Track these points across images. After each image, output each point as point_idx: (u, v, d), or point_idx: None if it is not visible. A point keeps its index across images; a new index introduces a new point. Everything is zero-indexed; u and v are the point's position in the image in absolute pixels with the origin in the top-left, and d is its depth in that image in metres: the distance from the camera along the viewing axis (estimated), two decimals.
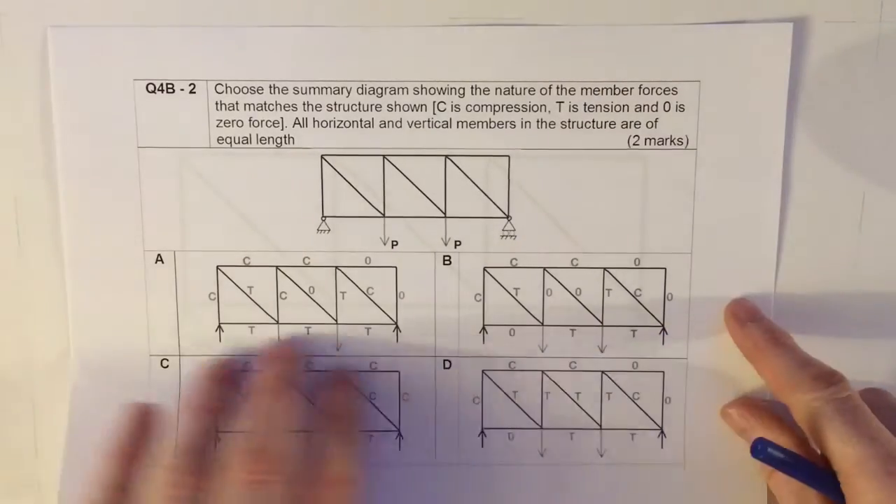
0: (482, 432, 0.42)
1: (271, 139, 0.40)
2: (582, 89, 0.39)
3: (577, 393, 0.42)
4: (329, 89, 0.39)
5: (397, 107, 0.39)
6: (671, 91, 0.39)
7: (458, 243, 0.41)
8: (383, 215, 0.40)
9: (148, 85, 0.39)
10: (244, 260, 0.41)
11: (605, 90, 0.39)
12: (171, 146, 0.40)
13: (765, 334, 0.39)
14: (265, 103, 0.39)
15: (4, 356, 0.41)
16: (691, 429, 0.41)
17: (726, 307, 0.40)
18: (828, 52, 0.39)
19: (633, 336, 0.41)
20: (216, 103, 0.39)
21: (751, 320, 0.39)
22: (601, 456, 0.42)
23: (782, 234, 0.40)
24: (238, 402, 0.40)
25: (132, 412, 0.38)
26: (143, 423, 0.38)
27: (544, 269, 0.41)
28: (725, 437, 0.41)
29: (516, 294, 0.41)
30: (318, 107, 0.39)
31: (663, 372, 0.41)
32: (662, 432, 0.42)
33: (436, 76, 0.39)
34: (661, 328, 0.41)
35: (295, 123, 0.40)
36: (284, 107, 0.39)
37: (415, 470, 0.42)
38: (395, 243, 0.41)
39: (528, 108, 0.39)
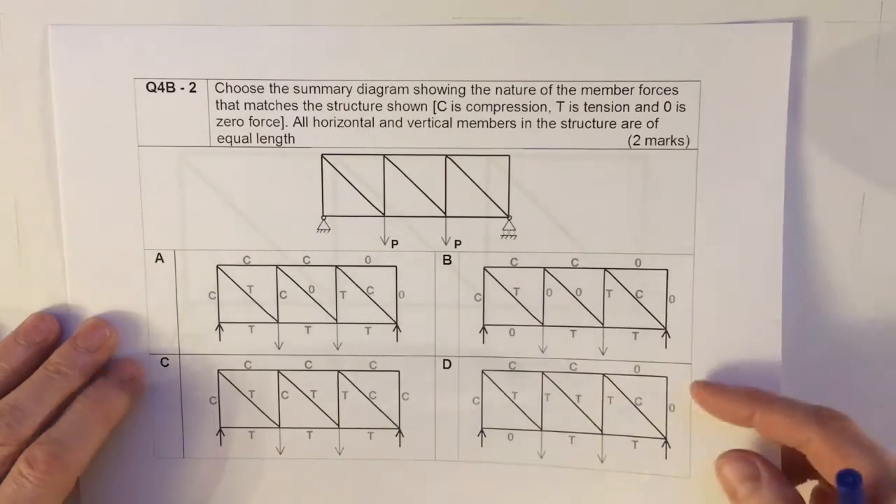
0: (482, 432, 0.42)
1: (271, 138, 0.40)
2: (582, 89, 0.39)
3: (578, 395, 0.42)
4: (329, 89, 0.39)
5: (398, 106, 0.40)
6: (672, 91, 0.39)
7: (458, 243, 0.41)
8: (383, 215, 0.40)
9: (148, 84, 0.39)
10: (244, 259, 0.41)
11: (605, 90, 0.39)
12: (172, 145, 0.40)
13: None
14: (265, 102, 0.39)
15: None
16: (697, 440, 0.41)
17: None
18: (828, 52, 0.39)
19: (635, 339, 0.41)
20: (216, 102, 0.39)
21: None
22: (602, 462, 0.42)
23: (783, 234, 0.40)
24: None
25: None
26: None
27: (544, 268, 0.41)
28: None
29: (516, 294, 0.41)
30: (318, 106, 0.39)
31: (666, 377, 0.41)
32: (667, 442, 0.41)
33: (436, 76, 0.39)
34: (663, 331, 0.41)
35: (295, 122, 0.40)
36: (285, 106, 0.39)
37: (414, 468, 0.42)
38: (395, 243, 0.41)
39: (528, 107, 0.39)
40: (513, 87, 0.39)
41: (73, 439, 0.37)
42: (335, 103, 0.39)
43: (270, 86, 0.39)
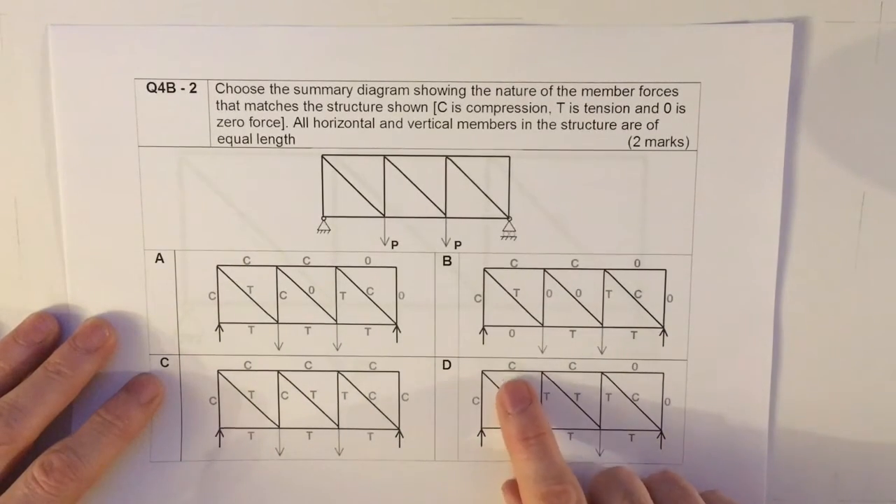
0: (482, 432, 0.42)
1: (272, 139, 0.40)
2: (583, 90, 0.39)
3: (577, 394, 0.42)
4: (330, 89, 0.39)
5: (398, 107, 0.40)
6: (672, 92, 0.39)
7: (458, 243, 0.41)
8: (383, 215, 0.40)
9: (149, 84, 0.39)
10: (244, 259, 0.41)
11: (605, 91, 0.39)
12: (172, 145, 0.40)
13: (518, 431, 0.40)
14: (266, 103, 0.39)
15: None
16: (690, 430, 0.42)
17: (499, 393, 0.41)
18: (828, 52, 0.39)
19: (633, 337, 0.41)
20: (217, 102, 0.39)
21: (514, 410, 0.40)
22: (599, 455, 0.42)
23: (783, 234, 0.40)
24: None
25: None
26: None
27: (544, 269, 0.41)
28: (724, 438, 0.41)
29: (516, 295, 0.41)
30: (318, 106, 0.39)
31: (663, 373, 0.41)
32: (661, 433, 0.42)
33: (436, 76, 0.39)
34: (661, 329, 0.41)
35: (295, 123, 0.40)
36: (285, 106, 0.39)
37: (414, 468, 0.42)
38: (395, 243, 0.41)
39: (528, 108, 0.39)
40: (513, 88, 0.39)
41: (90, 451, 0.38)
42: (335, 104, 0.39)
43: (271, 86, 0.39)
